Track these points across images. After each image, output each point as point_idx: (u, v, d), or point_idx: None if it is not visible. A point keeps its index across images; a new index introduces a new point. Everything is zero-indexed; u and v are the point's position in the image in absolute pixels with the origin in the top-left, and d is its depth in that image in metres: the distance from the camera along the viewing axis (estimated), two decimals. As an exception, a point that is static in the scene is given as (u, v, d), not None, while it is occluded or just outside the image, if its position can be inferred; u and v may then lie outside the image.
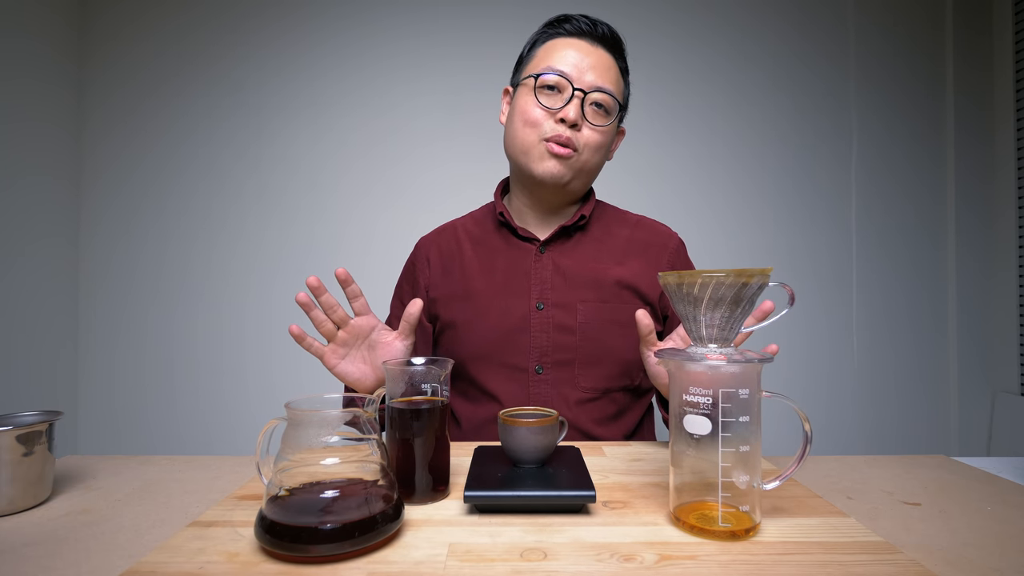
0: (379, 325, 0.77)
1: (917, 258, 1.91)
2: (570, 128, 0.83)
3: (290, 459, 0.44)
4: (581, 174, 0.86)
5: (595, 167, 0.88)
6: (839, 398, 1.87)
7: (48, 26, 1.75)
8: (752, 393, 0.45)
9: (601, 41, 0.86)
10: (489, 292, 0.89)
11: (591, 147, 0.85)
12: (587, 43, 0.85)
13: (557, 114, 0.83)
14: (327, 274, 0.83)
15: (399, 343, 0.75)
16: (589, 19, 0.87)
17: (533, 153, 0.85)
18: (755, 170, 1.90)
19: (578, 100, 0.82)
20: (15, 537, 0.48)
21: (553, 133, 0.83)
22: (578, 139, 0.83)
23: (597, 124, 0.84)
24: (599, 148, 0.86)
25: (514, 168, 0.91)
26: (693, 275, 0.46)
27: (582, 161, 0.85)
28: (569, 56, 0.84)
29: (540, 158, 0.84)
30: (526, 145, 0.85)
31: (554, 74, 0.83)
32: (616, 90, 0.85)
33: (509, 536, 0.46)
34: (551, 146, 0.83)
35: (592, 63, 0.84)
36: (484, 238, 0.94)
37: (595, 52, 0.85)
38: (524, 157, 0.86)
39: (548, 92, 0.84)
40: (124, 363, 1.85)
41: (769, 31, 1.90)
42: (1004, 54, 1.85)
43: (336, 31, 1.89)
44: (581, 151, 0.84)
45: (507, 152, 0.90)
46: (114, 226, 1.88)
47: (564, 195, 0.89)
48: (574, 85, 0.82)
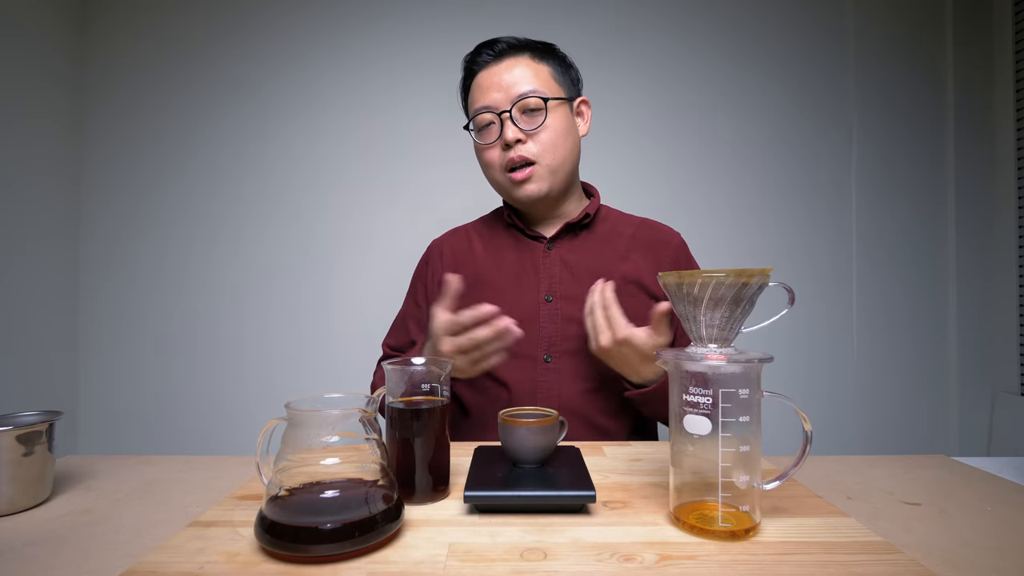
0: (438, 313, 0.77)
1: (917, 258, 1.91)
2: (516, 146, 0.87)
3: (290, 459, 0.44)
4: (555, 175, 0.89)
5: (565, 158, 0.90)
6: (839, 398, 1.87)
7: (48, 26, 1.75)
8: (752, 393, 0.45)
9: (504, 55, 0.89)
10: (499, 284, 0.92)
11: (546, 148, 0.87)
12: (494, 66, 0.89)
13: (499, 143, 0.88)
14: (327, 274, 0.83)
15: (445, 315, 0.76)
16: (487, 45, 0.91)
17: (506, 187, 0.91)
18: (755, 170, 1.90)
19: (508, 120, 0.86)
20: (15, 537, 0.48)
21: (507, 162, 0.88)
22: (530, 151, 0.87)
23: (535, 127, 0.87)
24: (555, 141, 0.88)
25: (505, 200, 0.97)
26: (693, 275, 0.46)
27: (546, 165, 0.88)
28: (484, 88, 0.89)
29: (513, 188, 0.89)
30: (497, 184, 0.92)
31: (479, 114, 0.89)
32: (537, 84, 0.87)
33: (509, 536, 0.46)
34: (512, 175, 0.88)
35: (505, 79, 0.87)
36: (494, 237, 0.98)
37: (503, 67, 0.88)
38: (503, 192, 0.93)
39: (487, 130, 0.90)
40: (124, 363, 1.85)
41: (769, 30, 1.90)
42: (1004, 53, 1.85)
43: (336, 31, 1.89)
44: (539, 158, 0.87)
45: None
46: (114, 226, 1.88)
47: (554, 199, 0.93)
48: (497, 110, 0.87)
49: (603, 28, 1.84)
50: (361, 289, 1.86)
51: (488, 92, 0.88)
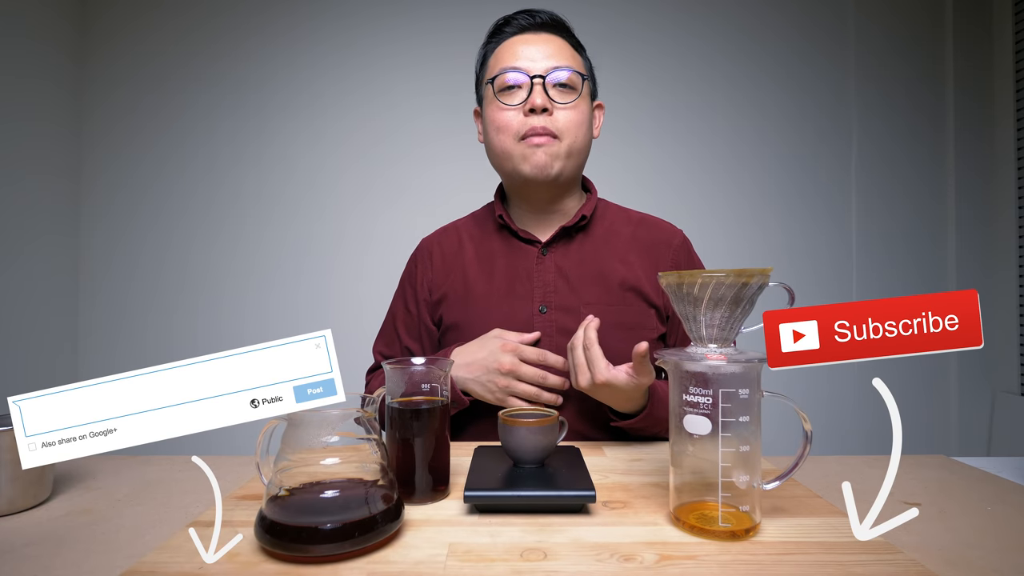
0: None
1: (917, 257, 1.91)
2: (542, 115, 0.81)
3: (290, 459, 0.44)
4: (569, 159, 0.84)
5: (581, 148, 0.86)
6: (839, 398, 1.87)
7: (49, 26, 1.75)
8: (752, 393, 0.45)
9: (545, 28, 0.85)
10: (491, 295, 0.88)
11: (570, 127, 0.83)
12: (531, 34, 0.85)
13: (524, 107, 0.81)
14: (326, 273, 0.83)
15: None
16: (527, 12, 0.86)
17: (515, 155, 0.83)
18: (755, 169, 1.90)
19: (540, 86, 0.81)
20: (15, 537, 0.48)
21: (527, 128, 0.82)
22: (554, 124, 0.82)
23: (567, 102, 0.82)
24: (579, 125, 0.84)
25: (504, 176, 0.90)
26: (693, 275, 0.46)
27: (565, 145, 0.83)
28: (518, 51, 0.83)
29: (523, 158, 0.83)
30: (505, 150, 0.84)
31: (508, 72, 0.82)
32: (575, 65, 0.84)
33: (509, 536, 0.46)
34: (529, 140, 0.82)
35: (543, 49, 0.83)
36: (485, 240, 0.93)
37: (542, 38, 0.84)
38: (508, 162, 0.85)
39: (509, 92, 0.83)
40: (124, 363, 1.85)
41: (769, 30, 1.90)
42: (1004, 53, 1.85)
43: (336, 31, 1.89)
44: (561, 135, 0.83)
45: (493, 165, 0.90)
46: (114, 226, 1.88)
47: (558, 187, 0.87)
48: (530, 74, 0.82)
49: (603, 28, 1.84)
50: (360, 289, 1.86)
51: (523, 55, 0.82)
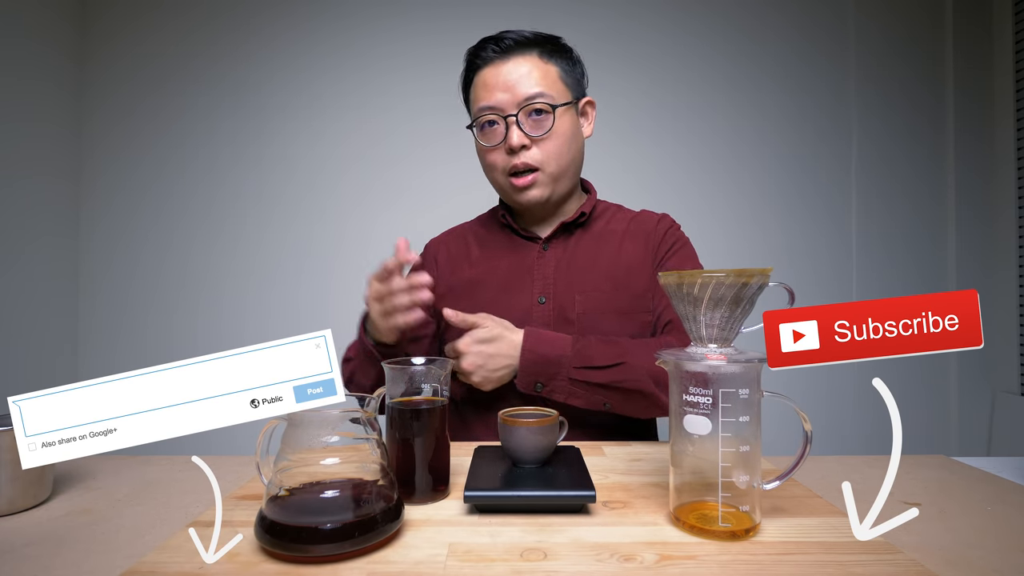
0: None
1: (917, 258, 1.91)
2: (521, 152, 0.85)
3: (290, 459, 0.44)
4: (558, 182, 0.88)
5: (567, 167, 0.89)
6: (839, 398, 1.87)
7: (49, 26, 1.75)
8: (752, 393, 0.45)
9: (512, 51, 0.86)
10: (492, 288, 0.92)
11: (550, 157, 0.86)
12: (500, 62, 0.86)
13: (504, 146, 0.86)
14: (326, 274, 0.83)
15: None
16: (494, 40, 0.87)
17: (507, 190, 0.90)
18: (755, 169, 1.90)
19: (513, 124, 0.84)
20: (15, 537, 0.48)
21: (510, 167, 0.86)
22: (535, 158, 0.85)
23: (542, 133, 0.85)
24: (560, 149, 0.86)
25: (503, 198, 0.96)
26: (693, 275, 0.46)
27: (550, 173, 0.87)
28: (489, 87, 0.86)
29: (514, 193, 0.88)
30: (498, 185, 0.92)
31: (485, 111, 0.86)
32: (545, 86, 0.85)
33: (509, 536, 0.46)
34: (513, 180, 0.87)
35: (509, 80, 0.84)
36: (489, 238, 0.98)
37: (508, 67, 0.85)
38: (503, 194, 0.93)
39: (489, 128, 0.87)
40: (124, 363, 1.85)
41: (769, 30, 1.90)
42: (1004, 53, 1.85)
43: (336, 31, 1.89)
44: (544, 166, 0.86)
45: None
46: (114, 226, 1.88)
47: (555, 204, 0.92)
48: (503, 114, 0.85)
49: (603, 28, 1.84)
50: (360, 290, 1.85)
51: (493, 92, 0.85)
